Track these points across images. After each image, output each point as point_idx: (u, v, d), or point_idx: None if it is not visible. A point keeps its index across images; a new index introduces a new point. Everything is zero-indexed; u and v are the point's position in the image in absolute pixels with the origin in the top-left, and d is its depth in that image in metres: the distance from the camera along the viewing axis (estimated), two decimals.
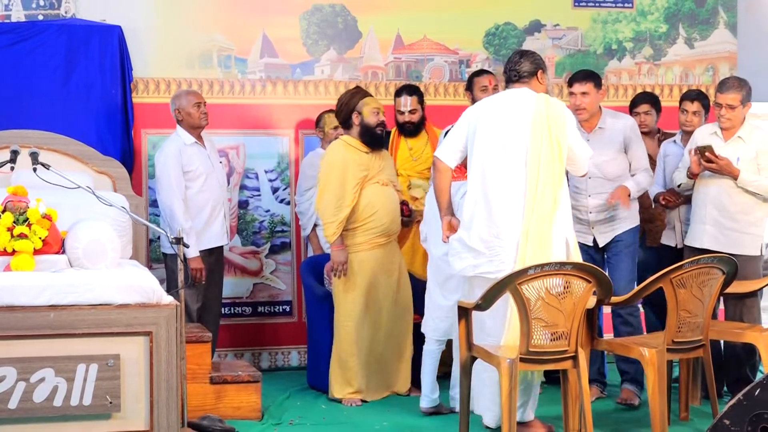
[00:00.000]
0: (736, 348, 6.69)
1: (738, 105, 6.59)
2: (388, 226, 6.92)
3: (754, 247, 6.66)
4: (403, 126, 7.58)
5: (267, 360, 8.17)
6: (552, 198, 5.65)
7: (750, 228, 6.64)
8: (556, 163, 5.67)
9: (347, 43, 8.42)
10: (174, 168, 7.08)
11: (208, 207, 7.22)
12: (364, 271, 6.88)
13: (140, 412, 5.29)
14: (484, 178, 5.76)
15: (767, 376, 4.95)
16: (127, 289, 5.35)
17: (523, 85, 5.87)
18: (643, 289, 5.79)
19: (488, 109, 5.86)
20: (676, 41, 8.99)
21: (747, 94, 6.63)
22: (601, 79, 6.79)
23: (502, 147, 5.74)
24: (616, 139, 6.61)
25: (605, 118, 6.65)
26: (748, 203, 6.61)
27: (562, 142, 5.69)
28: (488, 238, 5.70)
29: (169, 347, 5.31)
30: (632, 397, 6.62)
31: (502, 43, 8.57)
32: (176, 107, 7.23)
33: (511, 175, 5.71)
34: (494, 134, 5.77)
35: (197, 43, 8.11)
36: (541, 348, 5.39)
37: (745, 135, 6.64)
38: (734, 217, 6.63)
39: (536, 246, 5.59)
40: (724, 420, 5.02)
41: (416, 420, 6.35)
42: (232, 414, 6.27)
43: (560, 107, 5.77)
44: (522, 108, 5.75)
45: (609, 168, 6.60)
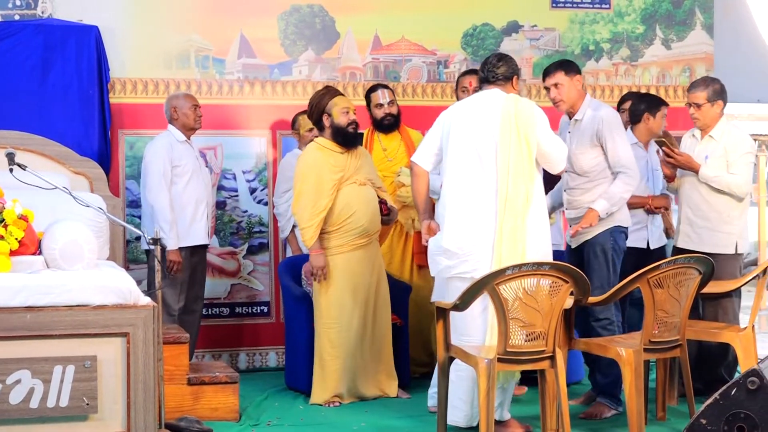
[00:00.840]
0: (711, 348, 6.72)
1: (704, 102, 6.63)
2: (367, 227, 6.91)
3: (727, 245, 6.66)
4: (382, 121, 7.56)
5: (245, 361, 8.16)
6: (524, 196, 5.70)
7: (723, 227, 6.65)
8: (526, 161, 5.72)
9: (325, 44, 8.41)
10: (163, 160, 7.17)
11: (192, 204, 7.27)
12: (344, 274, 6.87)
13: (117, 413, 5.28)
14: (458, 180, 5.83)
15: (743, 376, 4.97)
16: (104, 290, 5.33)
17: (500, 88, 5.93)
18: (620, 289, 5.81)
19: (460, 111, 5.94)
20: (653, 42, 9.03)
21: (715, 92, 6.66)
22: (572, 63, 6.59)
23: (474, 148, 5.81)
24: (586, 132, 6.40)
25: (585, 110, 6.45)
26: (721, 202, 6.64)
27: (531, 139, 5.74)
28: (463, 238, 5.75)
29: (146, 348, 5.29)
30: (603, 412, 6.38)
31: (480, 43, 8.59)
32: (173, 106, 7.34)
33: (483, 175, 5.77)
34: (466, 136, 5.84)
35: (175, 43, 8.09)
36: (519, 348, 5.39)
37: (717, 134, 6.68)
38: (707, 215, 6.66)
39: (511, 244, 5.65)
40: (701, 419, 5.03)
41: (394, 421, 6.35)
42: (210, 415, 6.25)
43: (529, 105, 5.83)
44: (492, 109, 5.82)
45: (579, 162, 6.42)
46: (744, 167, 6.61)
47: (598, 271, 6.36)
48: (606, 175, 6.41)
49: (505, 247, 5.64)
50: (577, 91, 6.45)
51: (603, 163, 6.40)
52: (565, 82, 6.42)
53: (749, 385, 4.92)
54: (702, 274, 5.85)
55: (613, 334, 6.28)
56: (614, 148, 6.33)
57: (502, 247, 5.65)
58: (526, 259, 5.58)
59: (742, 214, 6.71)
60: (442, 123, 5.98)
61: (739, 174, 6.59)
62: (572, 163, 6.45)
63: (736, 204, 6.65)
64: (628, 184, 6.34)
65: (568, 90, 6.43)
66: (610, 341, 5.94)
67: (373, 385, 6.98)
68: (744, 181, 6.60)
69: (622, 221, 6.44)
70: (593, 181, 6.42)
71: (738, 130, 6.77)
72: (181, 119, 7.32)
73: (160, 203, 7.07)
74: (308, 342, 7.02)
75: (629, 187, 6.36)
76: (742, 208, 6.70)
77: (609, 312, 6.33)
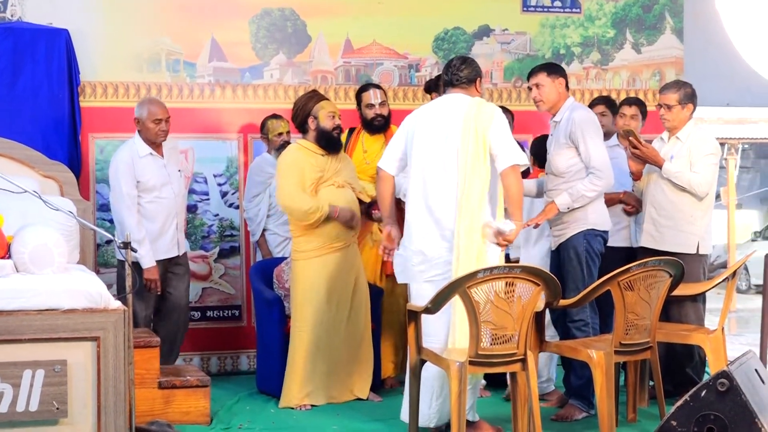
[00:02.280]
0: (678, 350, 6.75)
1: (675, 104, 6.72)
2: (344, 230, 6.91)
3: (688, 245, 6.70)
4: (373, 121, 7.52)
5: (216, 364, 8.15)
6: (478, 196, 5.76)
7: (686, 226, 6.69)
8: (481, 162, 5.78)
9: (297, 47, 8.41)
10: (125, 177, 7.01)
11: (159, 218, 7.13)
12: (320, 276, 6.85)
13: (88, 417, 5.24)
14: (423, 183, 5.90)
15: (713, 378, 5.00)
16: (75, 293, 5.29)
17: (461, 91, 5.99)
18: (591, 292, 5.83)
19: (425, 115, 6.01)
20: (623, 46, 9.08)
21: (686, 95, 6.75)
22: (557, 66, 6.67)
23: (437, 152, 5.88)
24: (561, 133, 6.46)
25: (564, 112, 6.50)
26: (684, 202, 6.69)
27: (486, 136, 5.79)
28: (430, 241, 5.83)
29: (116, 352, 5.26)
30: (574, 414, 6.40)
31: (452, 47, 8.62)
32: (136, 116, 7.15)
33: (446, 177, 5.84)
34: (430, 140, 5.91)
35: (145, 46, 8.07)
36: (490, 351, 5.40)
37: (683, 135, 6.76)
38: (670, 215, 6.71)
39: (467, 246, 5.71)
40: (672, 421, 5.06)
41: (365, 424, 6.35)
42: (181, 419, 6.23)
43: (490, 108, 5.90)
44: (455, 112, 5.89)
45: (555, 162, 6.48)
46: (706, 167, 6.66)
47: (572, 274, 6.40)
48: (582, 176, 6.43)
49: (462, 250, 5.70)
50: (557, 93, 6.51)
51: (578, 164, 6.43)
52: (546, 83, 6.49)
53: (719, 387, 4.96)
54: (672, 276, 5.89)
55: (587, 335, 6.31)
56: (586, 149, 6.37)
57: (459, 249, 5.71)
58: (483, 259, 5.66)
59: (705, 215, 6.75)
60: (406, 128, 6.05)
61: (701, 173, 6.64)
62: (549, 163, 6.53)
63: (699, 204, 6.70)
64: (594, 184, 6.36)
65: (549, 91, 6.49)
66: (582, 344, 5.96)
67: (345, 387, 6.97)
68: (705, 180, 6.64)
69: (597, 224, 6.45)
70: (569, 182, 6.43)
71: (704, 133, 6.84)
72: (143, 132, 7.14)
73: (128, 223, 6.92)
74: (280, 345, 7.01)
75: (595, 188, 6.37)
76: (705, 209, 6.74)
77: (584, 314, 6.36)
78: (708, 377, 5.11)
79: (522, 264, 5.58)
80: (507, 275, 5.34)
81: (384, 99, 7.53)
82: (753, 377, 5.28)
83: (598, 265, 6.47)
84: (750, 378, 5.21)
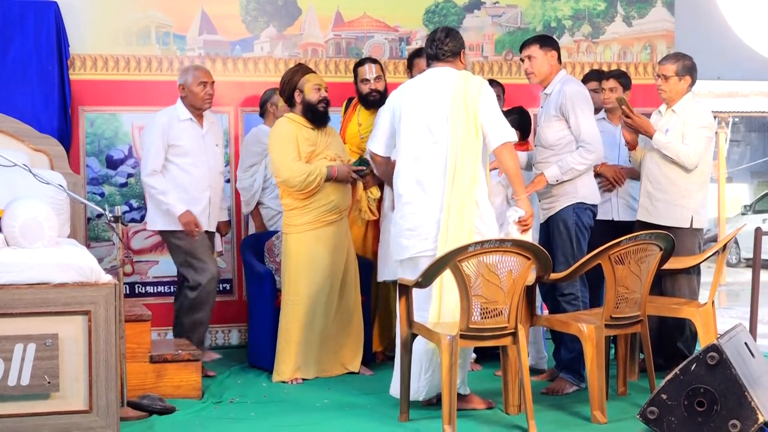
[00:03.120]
0: (669, 323, 6.76)
1: (672, 75, 6.71)
2: (338, 202, 6.90)
3: (683, 219, 6.70)
4: (368, 96, 7.47)
5: (208, 339, 8.04)
6: (472, 173, 5.75)
7: (680, 200, 6.69)
8: (474, 139, 5.77)
9: (287, 20, 8.37)
10: (157, 136, 6.89)
11: (191, 189, 6.98)
12: (313, 250, 6.85)
13: (79, 391, 5.24)
14: (414, 160, 5.89)
15: (703, 351, 5.04)
16: (65, 267, 5.28)
17: (447, 65, 5.97)
18: (582, 266, 5.84)
19: (412, 90, 5.99)
20: (614, 19, 9.05)
21: (684, 67, 6.73)
22: (549, 38, 6.66)
23: (427, 127, 5.86)
24: (552, 105, 6.45)
25: (555, 84, 6.50)
26: (678, 175, 6.68)
27: (477, 113, 5.78)
28: (421, 217, 5.83)
29: (108, 326, 5.25)
30: (564, 387, 6.41)
31: (442, 20, 8.57)
32: (181, 82, 7.00)
33: (436, 153, 5.82)
34: (419, 115, 5.89)
35: (135, 19, 8.03)
36: (481, 324, 5.41)
37: (679, 108, 6.74)
38: (664, 188, 6.71)
39: (458, 222, 5.70)
40: (662, 394, 5.10)
41: (357, 398, 6.36)
42: (173, 393, 6.23)
43: (478, 82, 5.86)
44: (444, 86, 5.86)
45: (545, 134, 6.48)
46: (697, 140, 6.64)
47: (562, 247, 6.42)
48: (571, 149, 6.43)
49: (452, 225, 5.69)
50: (549, 66, 6.51)
51: (568, 137, 6.44)
52: (539, 55, 6.49)
53: (709, 361, 5.00)
54: (663, 250, 5.89)
55: (578, 309, 6.33)
56: (576, 122, 6.37)
57: (449, 224, 5.70)
58: (474, 237, 5.64)
59: (700, 189, 6.74)
60: (392, 105, 6.04)
61: (691, 146, 6.62)
62: (539, 136, 6.52)
63: (694, 178, 6.68)
64: (584, 157, 6.37)
65: (540, 63, 6.49)
66: (572, 317, 5.98)
67: (337, 361, 6.99)
68: (694, 152, 6.62)
69: (587, 198, 6.47)
70: (558, 155, 6.44)
71: (700, 106, 6.80)
72: (188, 98, 6.97)
73: (152, 180, 6.84)
74: (271, 319, 7.01)
75: (584, 161, 6.38)
76: (700, 183, 6.73)
77: (574, 287, 6.37)
78: (698, 351, 5.13)
79: (513, 238, 5.56)
80: (498, 249, 5.33)
81: (380, 74, 7.48)
82: (743, 350, 5.32)
83: (587, 239, 6.49)
84: (740, 351, 5.25)
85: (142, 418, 5.78)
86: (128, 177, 8.00)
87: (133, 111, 7.96)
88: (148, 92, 7.99)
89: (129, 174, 8.00)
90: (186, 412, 5.96)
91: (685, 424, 5.03)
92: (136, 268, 7.97)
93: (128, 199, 7.99)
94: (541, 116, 6.57)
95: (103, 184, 7.94)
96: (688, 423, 5.02)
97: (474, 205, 5.76)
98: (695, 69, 6.78)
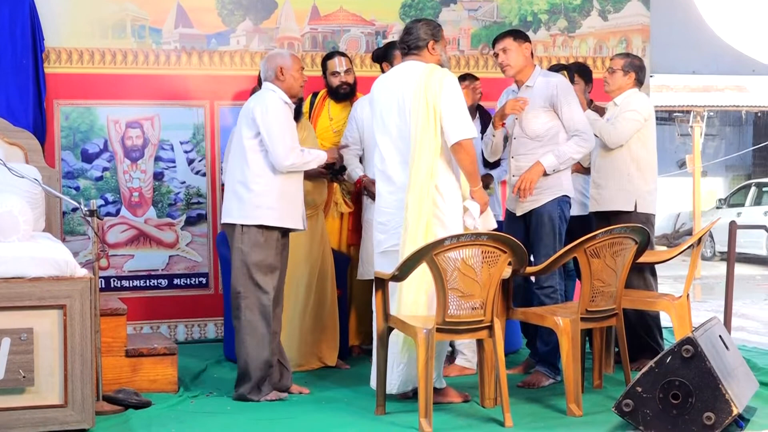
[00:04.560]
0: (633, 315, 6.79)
1: (618, 69, 6.89)
2: (314, 197, 6.89)
3: (627, 202, 6.78)
4: (338, 89, 7.41)
5: (183, 332, 8.13)
6: (428, 167, 5.75)
7: (623, 184, 6.79)
8: (432, 133, 5.76)
9: (263, 14, 8.35)
10: (286, 119, 6.11)
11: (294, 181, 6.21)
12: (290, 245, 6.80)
13: (54, 386, 5.22)
14: (382, 153, 5.93)
15: (678, 344, 5.05)
16: (40, 261, 5.25)
17: (414, 58, 5.96)
18: (558, 259, 5.84)
19: (381, 85, 6.02)
20: (590, 13, 9.07)
21: (632, 65, 6.90)
22: (522, 33, 6.64)
23: (392, 121, 5.88)
24: (540, 97, 6.45)
25: (536, 77, 6.51)
26: (620, 161, 6.80)
27: (438, 105, 5.76)
28: (390, 211, 5.87)
29: (83, 320, 5.23)
30: (540, 380, 6.42)
31: (419, 14, 8.56)
32: (279, 65, 6.15)
33: (401, 147, 5.85)
34: (385, 109, 5.91)
35: (110, 12, 7.99)
36: (457, 318, 5.41)
37: (620, 100, 6.88)
38: (608, 175, 6.83)
39: (414, 216, 5.72)
40: (637, 387, 5.11)
41: (333, 392, 6.35)
42: (148, 387, 6.21)
43: (440, 75, 5.80)
44: (409, 80, 5.85)
45: (530, 126, 6.47)
46: (624, 122, 6.75)
47: (545, 240, 6.43)
48: (557, 141, 6.45)
49: (411, 219, 5.72)
50: (524, 58, 6.51)
51: (555, 128, 6.46)
52: (513, 47, 6.49)
53: (684, 353, 5.01)
54: (638, 243, 5.90)
55: (556, 302, 6.35)
56: (570, 112, 6.41)
57: (408, 216, 5.73)
58: (433, 231, 5.68)
59: (643, 175, 6.83)
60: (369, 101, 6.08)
61: (616, 125, 6.74)
62: (523, 127, 6.51)
63: (637, 164, 6.79)
64: (580, 146, 6.41)
65: (516, 55, 6.49)
66: (548, 311, 5.98)
67: (313, 355, 6.99)
68: (615, 131, 6.73)
69: (569, 191, 6.53)
70: (545, 146, 6.45)
71: (639, 95, 6.92)
72: (288, 82, 6.16)
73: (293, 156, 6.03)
74: None
75: (581, 149, 6.42)
76: (642, 168, 6.83)
77: (553, 280, 6.39)
78: (673, 343, 5.15)
79: (489, 232, 5.57)
80: (474, 243, 5.33)
81: (349, 66, 7.46)
82: (717, 343, 5.34)
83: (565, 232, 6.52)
84: (714, 344, 5.27)
85: (117, 413, 5.75)
86: (103, 171, 7.97)
87: (108, 105, 7.93)
88: (123, 86, 7.96)
89: (104, 168, 7.97)
90: (162, 406, 5.93)
91: (660, 417, 5.04)
92: (112, 262, 7.87)
93: (103, 192, 7.96)
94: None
95: (79, 177, 7.91)
96: (663, 415, 5.03)
97: (431, 200, 5.75)
98: (643, 70, 6.95)
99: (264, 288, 6.05)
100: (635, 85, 6.91)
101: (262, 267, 6.04)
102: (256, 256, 6.02)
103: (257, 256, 6.03)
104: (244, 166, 6.05)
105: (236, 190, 6.08)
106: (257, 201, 6.02)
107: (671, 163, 25.99)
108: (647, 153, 6.87)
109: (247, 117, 6.07)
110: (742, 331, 9.58)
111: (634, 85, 6.91)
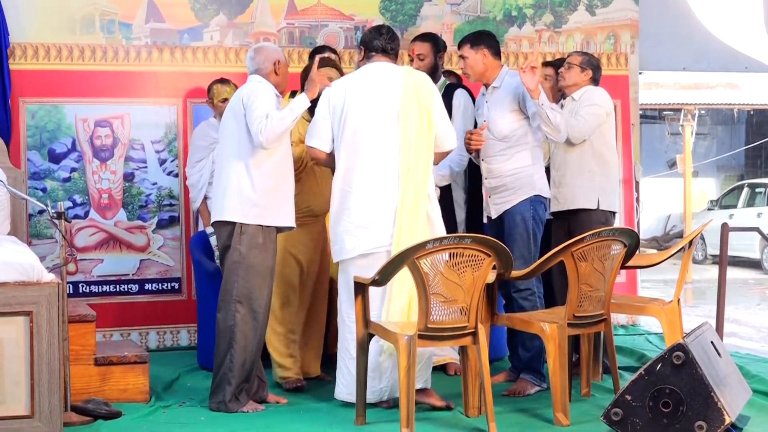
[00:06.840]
0: None
1: (576, 65, 6.83)
2: (313, 209, 6.65)
3: (588, 200, 6.69)
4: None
5: (155, 340, 8.03)
6: (424, 166, 5.83)
7: (583, 182, 6.69)
8: (426, 132, 5.86)
9: (237, 8, 8.28)
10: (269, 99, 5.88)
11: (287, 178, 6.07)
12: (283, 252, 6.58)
13: (20, 396, 5.16)
14: (364, 155, 5.84)
15: (669, 350, 5.05)
16: (5, 266, 5.19)
17: (390, 60, 6.03)
18: (544, 263, 5.76)
19: (356, 85, 5.95)
20: (577, 8, 9.02)
21: (590, 63, 6.87)
22: (481, 35, 6.57)
23: (376, 122, 5.86)
24: (507, 97, 6.44)
25: (503, 77, 6.51)
26: (579, 158, 6.70)
27: (431, 112, 5.88)
28: (369, 213, 5.80)
29: (50, 327, 5.18)
30: (526, 388, 6.33)
31: (399, 9, 8.54)
32: (276, 59, 6.02)
33: (387, 148, 5.83)
34: (366, 110, 5.87)
35: (78, 6, 7.91)
36: (441, 324, 5.32)
37: (577, 95, 6.82)
38: (567, 172, 6.75)
39: (412, 215, 5.74)
40: (626, 395, 5.10)
41: (312, 402, 6.26)
42: (119, 396, 6.13)
43: (426, 79, 6.01)
44: (390, 81, 5.91)
45: (497, 126, 6.42)
46: (583, 117, 6.66)
47: (519, 241, 6.37)
48: (525, 141, 6.44)
49: (406, 219, 5.72)
50: (483, 64, 6.50)
51: (523, 128, 6.43)
52: (470, 54, 6.51)
53: (675, 360, 5.04)
54: (627, 247, 5.83)
55: (534, 304, 6.31)
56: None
57: (403, 218, 5.72)
58: (428, 231, 5.72)
59: (603, 172, 6.75)
60: (333, 101, 5.91)
61: (581, 119, 6.64)
62: (491, 129, 6.48)
63: (596, 161, 6.71)
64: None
65: (473, 62, 6.51)
66: (534, 316, 5.90)
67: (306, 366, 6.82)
68: (579, 124, 6.60)
69: (543, 191, 6.46)
70: (513, 147, 6.42)
71: (599, 90, 6.84)
72: (281, 77, 6.06)
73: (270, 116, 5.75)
74: None
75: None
76: (603, 165, 6.75)
77: (530, 283, 6.34)
78: (664, 350, 5.11)
79: (473, 234, 5.46)
80: (457, 246, 5.26)
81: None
82: (709, 350, 5.35)
83: (541, 234, 6.47)
84: (706, 351, 5.28)
85: (86, 424, 5.67)
86: (71, 171, 7.88)
87: (76, 102, 7.84)
88: (92, 83, 7.87)
89: (72, 168, 7.88)
90: (133, 416, 5.86)
91: (650, 426, 4.99)
92: (80, 267, 7.84)
93: (71, 194, 7.87)
94: (490, 110, 6.50)
95: (45, 178, 7.82)
96: (653, 424, 4.99)
97: (426, 199, 5.82)
98: (599, 71, 6.92)
99: (259, 292, 5.95)
100: (590, 83, 6.87)
101: (260, 270, 5.93)
102: (254, 258, 5.92)
103: (256, 258, 5.92)
104: (240, 163, 5.90)
105: (232, 187, 5.92)
106: (256, 199, 5.89)
107: (661, 163, 25.98)
108: (608, 149, 6.81)
109: (236, 109, 5.93)
110: (735, 336, 9.53)
111: (590, 83, 6.87)
